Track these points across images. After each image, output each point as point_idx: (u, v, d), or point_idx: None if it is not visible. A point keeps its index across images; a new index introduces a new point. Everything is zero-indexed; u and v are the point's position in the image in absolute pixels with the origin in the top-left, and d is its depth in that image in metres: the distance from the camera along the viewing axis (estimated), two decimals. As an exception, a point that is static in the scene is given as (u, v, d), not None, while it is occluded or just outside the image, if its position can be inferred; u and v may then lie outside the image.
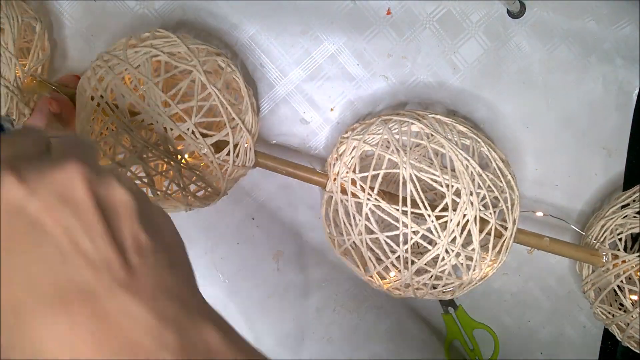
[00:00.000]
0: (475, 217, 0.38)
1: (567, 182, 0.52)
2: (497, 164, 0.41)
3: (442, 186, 0.38)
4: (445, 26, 0.50)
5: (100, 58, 0.40)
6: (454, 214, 0.38)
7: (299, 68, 0.51)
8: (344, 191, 0.41)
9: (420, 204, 0.38)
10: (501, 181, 0.41)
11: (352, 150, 0.41)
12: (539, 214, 0.47)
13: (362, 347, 0.56)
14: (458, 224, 0.38)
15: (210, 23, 0.50)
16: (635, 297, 0.43)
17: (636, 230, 0.44)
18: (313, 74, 0.51)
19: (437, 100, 0.51)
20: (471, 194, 0.38)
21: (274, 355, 0.54)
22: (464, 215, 0.38)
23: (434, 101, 0.51)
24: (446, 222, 0.38)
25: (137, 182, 0.40)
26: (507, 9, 0.49)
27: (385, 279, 0.41)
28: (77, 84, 0.41)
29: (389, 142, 0.40)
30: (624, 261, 0.42)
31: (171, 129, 0.38)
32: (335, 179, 0.41)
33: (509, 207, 0.40)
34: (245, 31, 0.50)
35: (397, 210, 0.38)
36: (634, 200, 0.45)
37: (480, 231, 0.39)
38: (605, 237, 0.45)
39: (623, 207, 0.45)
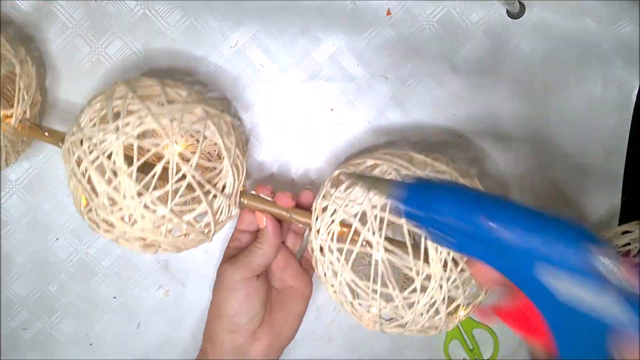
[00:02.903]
0: (444, 298, 0.39)
1: (566, 182, 0.52)
2: None
3: (411, 271, 0.38)
4: (445, 26, 0.50)
5: (77, 134, 0.40)
6: (422, 296, 0.39)
7: (299, 68, 0.51)
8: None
9: (390, 285, 0.39)
10: None
11: (333, 213, 0.41)
12: None
13: (362, 347, 0.56)
14: (426, 304, 0.39)
15: (210, 23, 0.50)
16: None
17: None
18: (313, 74, 0.51)
19: (437, 101, 0.51)
20: (441, 279, 0.38)
21: (274, 355, 0.55)
22: (432, 297, 0.39)
23: (434, 101, 0.51)
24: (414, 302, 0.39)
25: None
26: (507, 10, 0.49)
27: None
28: None
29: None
30: None
31: (143, 217, 0.39)
32: (317, 234, 0.42)
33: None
34: (245, 31, 0.50)
35: (367, 287, 0.40)
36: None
37: (449, 305, 0.40)
38: None
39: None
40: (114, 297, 0.55)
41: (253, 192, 0.45)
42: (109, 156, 0.38)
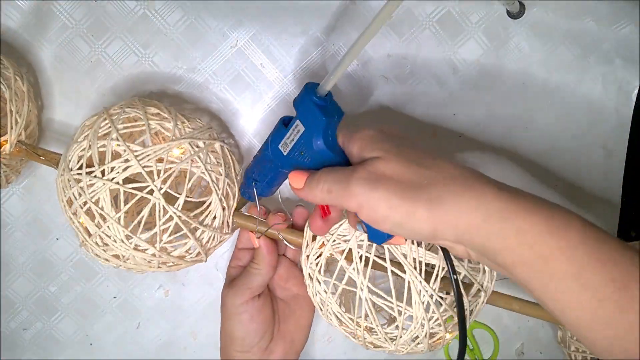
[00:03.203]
0: (426, 334, 0.39)
1: (566, 182, 0.52)
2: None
3: (394, 311, 0.39)
4: (444, 27, 0.50)
5: (65, 174, 0.40)
6: (405, 332, 0.39)
7: (298, 68, 0.51)
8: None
9: (373, 322, 0.40)
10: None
11: (321, 245, 0.41)
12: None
13: (361, 347, 0.56)
14: (408, 339, 0.40)
15: (210, 23, 0.50)
16: None
17: None
18: (313, 74, 0.51)
19: (437, 101, 0.51)
20: (423, 319, 0.39)
21: (274, 355, 0.55)
22: (414, 334, 0.39)
23: (434, 101, 0.51)
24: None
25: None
26: (507, 10, 0.49)
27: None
28: None
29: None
30: None
31: (134, 257, 0.40)
32: (307, 259, 0.42)
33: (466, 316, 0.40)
34: (245, 31, 0.50)
35: (352, 320, 0.41)
36: None
37: (431, 337, 0.40)
38: None
39: None
40: (114, 297, 0.55)
41: (246, 213, 0.45)
42: (98, 200, 0.39)
